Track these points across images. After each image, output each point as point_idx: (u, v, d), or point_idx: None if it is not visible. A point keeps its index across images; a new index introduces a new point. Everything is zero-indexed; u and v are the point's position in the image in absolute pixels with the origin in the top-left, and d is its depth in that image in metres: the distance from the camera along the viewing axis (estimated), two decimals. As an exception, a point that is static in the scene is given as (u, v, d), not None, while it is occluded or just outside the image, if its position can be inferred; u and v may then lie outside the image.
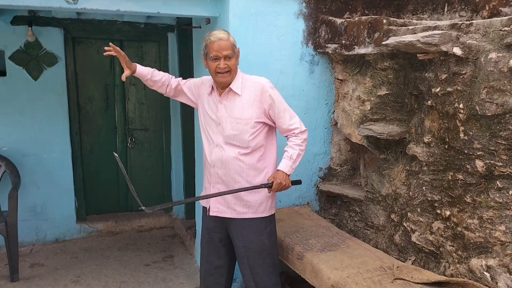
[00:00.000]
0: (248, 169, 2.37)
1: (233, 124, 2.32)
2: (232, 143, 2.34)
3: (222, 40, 2.24)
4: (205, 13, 3.02)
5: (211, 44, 2.25)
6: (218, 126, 2.37)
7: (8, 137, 4.05)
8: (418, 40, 2.18)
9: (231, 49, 2.26)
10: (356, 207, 3.06)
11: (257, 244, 2.40)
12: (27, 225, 4.16)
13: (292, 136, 2.41)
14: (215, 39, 2.24)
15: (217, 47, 2.23)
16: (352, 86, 3.02)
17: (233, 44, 2.29)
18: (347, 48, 2.91)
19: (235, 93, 2.34)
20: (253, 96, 2.33)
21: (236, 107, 2.33)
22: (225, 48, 2.24)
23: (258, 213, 2.42)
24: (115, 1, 2.75)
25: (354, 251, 2.51)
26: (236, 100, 2.34)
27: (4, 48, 3.97)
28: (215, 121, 2.38)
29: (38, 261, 3.96)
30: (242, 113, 2.32)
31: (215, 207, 2.43)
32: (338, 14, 3.16)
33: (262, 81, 2.38)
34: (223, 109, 2.36)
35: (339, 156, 3.36)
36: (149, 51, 4.69)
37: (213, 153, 2.39)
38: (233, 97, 2.35)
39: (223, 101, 2.37)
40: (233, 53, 2.28)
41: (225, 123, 2.34)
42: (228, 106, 2.35)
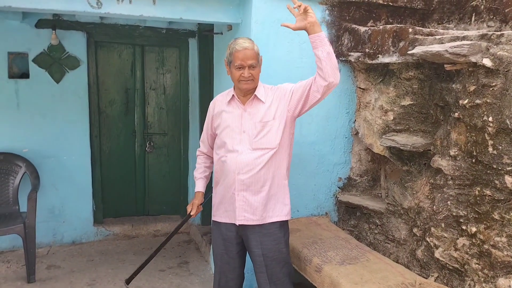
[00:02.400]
0: (275, 169, 2.36)
1: (258, 128, 2.32)
2: (259, 147, 2.32)
3: (248, 50, 2.24)
4: (227, 19, 3.01)
5: (236, 53, 2.25)
6: (243, 134, 2.35)
7: (29, 139, 4.09)
8: (446, 50, 2.12)
9: (255, 58, 2.27)
10: (376, 219, 2.99)
11: (276, 252, 2.38)
12: (44, 226, 4.19)
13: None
14: (241, 48, 2.24)
15: (242, 56, 2.24)
16: (375, 96, 2.97)
17: (257, 53, 2.30)
18: (370, 57, 2.86)
19: (259, 100, 2.34)
20: (274, 99, 2.36)
21: (261, 113, 2.33)
22: (250, 57, 2.25)
23: (281, 216, 2.40)
24: (138, 6, 2.76)
25: (374, 265, 2.44)
26: (260, 106, 2.34)
27: (28, 50, 4.03)
28: (239, 129, 2.36)
29: (55, 263, 3.98)
30: (267, 116, 2.33)
31: (241, 215, 2.38)
32: (362, 22, 3.11)
33: (278, 85, 2.44)
34: (248, 116, 2.35)
35: (359, 166, 3.30)
36: (170, 56, 4.71)
37: (238, 159, 2.34)
38: (258, 104, 2.35)
39: (248, 108, 2.36)
40: (257, 62, 2.30)
41: (250, 129, 2.33)
42: (252, 113, 2.35)
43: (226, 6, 2.98)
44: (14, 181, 3.88)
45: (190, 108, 4.79)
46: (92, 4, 2.68)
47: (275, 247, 2.38)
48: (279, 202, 2.40)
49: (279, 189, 2.40)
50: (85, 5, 2.68)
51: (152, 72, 4.68)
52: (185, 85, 4.75)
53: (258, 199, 2.35)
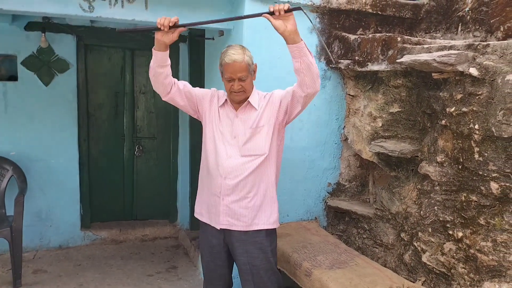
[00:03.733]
0: (263, 176, 2.34)
1: (248, 134, 2.31)
2: (248, 154, 2.31)
3: (237, 63, 2.18)
4: (219, 25, 3.03)
5: (226, 66, 2.21)
6: (234, 139, 2.34)
7: (17, 142, 4.05)
8: (434, 60, 2.17)
9: (245, 70, 2.21)
10: (365, 224, 3.03)
11: (262, 260, 2.35)
12: (31, 230, 4.14)
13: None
14: (230, 61, 2.19)
15: (231, 69, 2.20)
16: (364, 102, 3.02)
17: (248, 63, 2.23)
18: (360, 65, 2.91)
19: (252, 107, 2.33)
20: (265, 105, 2.34)
21: (253, 119, 2.32)
22: (239, 70, 2.19)
23: (267, 224, 2.37)
24: (131, 11, 2.77)
25: (363, 269, 2.48)
26: (252, 113, 2.33)
27: (17, 53, 4.00)
28: (230, 134, 2.35)
29: (41, 267, 3.94)
30: (258, 122, 2.32)
31: (224, 219, 2.35)
32: (351, 30, 3.17)
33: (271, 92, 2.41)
34: (239, 122, 2.34)
35: (348, 171, 3.34)
36: (160, 60, 4.71)
37: (226, 164, 2.32)
38: (250, 111, 2.34)
39: (240, 115, 2.34)
40: (248, 73, 2.24)
41: (242, 135, 2.32)
42: (244, 119, 2.33)
43: (218, 12, 3.00)
44: (1, 184, 3.83)
45: (179, 112, 4.79)
46: (84, 8, 2.69)
47: (262, 255, 2.34)
48: (266, 209, 2.36)
49: (267, 197, 2.37)
50: (77, 8, 2.68)
51: (142, 76, 4.67)
52: (175, 90, 4.75)
53: (243, 204, 2.32)
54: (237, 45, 2.31)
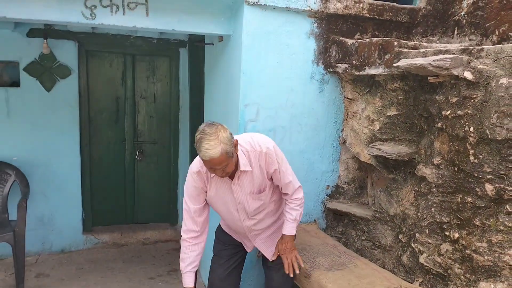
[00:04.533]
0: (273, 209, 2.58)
1: (255, 199, 2.41)
2: (258, 213, 2.48)
3: (214, 159, 2.07)
4: (218, 31, 3.08)
5: (204, 161, 2.13)
6: (238, 205, 2.41)
7: (19, 147, 4.10)
8: (430, 64, 2.21)
9: (224, 160, 2.10)
10: (364, 226, 3.07)
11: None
12: (34, 234, 4.18)
13: (291, 198, 2.49)
14: (206, 158, 2.07)
15: (209, 164, 2.12)
16: (362, 106, 3.06)
17: (226, 152, 2.08)
18: (357, 68, 2.95)
19: (245, 172, 2.32)
20: (259, 164, 2.34)
21: (249, 183, 2.35)
22: (218, 163, 2.10)
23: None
24: (132, 18, 2.81)
25: (361, 271, 2.51)
26: (247, 176, 2.34)
27: (19, 59, 4.05)
28: (234, 201, 2.40)
29: (44, 271, 3.98)
30: (257, 187, 2.38)
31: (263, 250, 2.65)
32: (349, 35, 3.21)
33: (262, 147, 2.33)
34: (238, 188, 2.36)
35: (346, 174, 3.37)
36: (161, 65, 4.77)
37: (244, 226, 2.51)
38: (244, 175, 2.33)
39: (236, 181, 2.34)
40: (229, 159, 2.12)
41: (245, 201, 2.40)
42: (241, 184, 2.35)
43: (218, 18, 3.05)
44: (4, 189, 3.88)
45: (180, 116, 4.84)
46: (86, 16, 2.73)
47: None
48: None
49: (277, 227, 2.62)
50: (80, 16, 2.72)
51: (142, 81, 4.72)
52: (176, 94, 4.81)
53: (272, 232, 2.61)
54: (211, 135, 2.07)
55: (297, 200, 2.49)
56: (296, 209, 2.49)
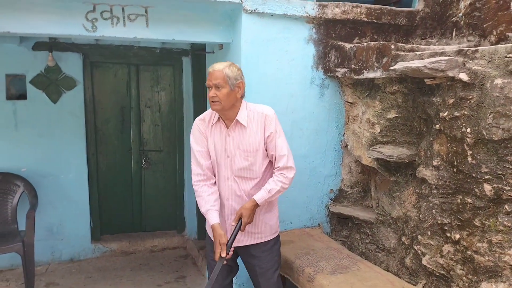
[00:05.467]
0: None
1: (242, 157, 2.37)
2: (243, 176, 2.39)
3: (216, 70, 2.27)
4: (218, 39, 3.13)
5: (208, 74, 2.32)
6: (227, 158, 2.39)
7: (27, 158, 4.17)
8: (425, 66, 2.23)
9: (221, 79, 2.25)
10: (367, 229, 3.07)
11: (271, 261, 2.48)
12: (43, 244, 4.24)
13: (279, 172, 2.42)
14: (211, 69, 2.30)
15: (209, 76, 2.29)
16: (362, 109, 3.07)
17: (227, 75, 2.27)
18: (356, 72, 2.98)
19: (242, 125, 2.36)
20: (260, 126, 2.37)
21: (244, 139, 2.36)
22: (215, 77, 2.26)
23: (272, 234, 2.51)
24: (132, 29, 2.87)
25: (364, 274, 2.52)
26: (244, 131, 2.37)
27: (25, 72, 4.13)
28: (224, 154, 2.40)
29: (53, 280, 4.03)
30: (250, 145, 2.36)
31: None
32: (348, 39, 3.23)
33: (266, 110, 2.41)
34: (231, 141, 2.38)
35: (349, 178, 3.39)
36: (164, 74, 4.82)
37: (226, 187, 2.42)
38: (241, 129, 2.37)
39: (231, 133, 2.38)
40: (225, 84, 2.26)
41: (234, 155, 2.38)
42: (236, 138, 2.38)
43: (217, 27, 3.10)
44: (13, 200, 3.95)
45: (184, 124, 4.88)
46: (88, 28, 2.79)
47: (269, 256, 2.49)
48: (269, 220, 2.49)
49: (267, 209, 2.48)
50: (81, 29, 2.79)
51: (147, 90, 4.78)
52: (180, 102, 4.86)
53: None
54: (228, 61, 2.37)
55: (283, 176, 2.38)
56: (276, 184, 2.37)
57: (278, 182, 2.37)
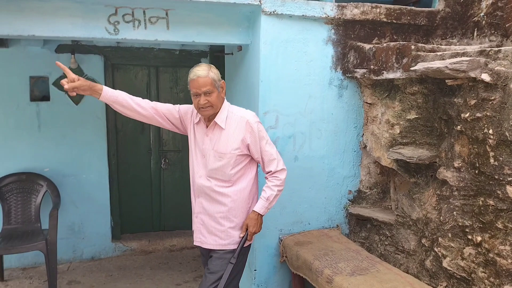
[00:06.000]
0: (231, 202, 2.43)
1: (216, 158, 2.38)
2: (215, 177, 2.41)
3: (201, 78, 2.27)
4: (237, 41, 3.15)
5: (191, 82, 2.30)
6: (203, 158, 2.43)
7: (50, 159, 4.27)
8: (446, 67, 2.21)
9: (210, 84, 2.29)
10: (387, 231, 3.05)
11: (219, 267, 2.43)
12: (65, 243, 4.34)
13: (272, 176, 2.46)
14: (194, 76, 2.29)
15: (196, 84, 2.28)
16: (381, 110, 3.06)
17: (213, 79, 2.31)
18: (375, 73, 2.96)
19: (220, 127, 2.39)
20: (238, 130, 2.38)
21: (220, 141, 2.38)
22: (203, 85, 2.27)
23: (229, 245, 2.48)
24: (153, 32, 2.91)
25: (384, 275, 2.51)
26: (221, 133, 2.39)
27: (49, 74, 4.23)
28: (201, 153, 2.44)
29: (75, 278, 4.11)
30: (225, 147, 2.37)
31: (197, 237, 2.52)
32: (367, 40, 3.22)
33: (248, 115, 2.42)
34: (209, 142, 2.41)
35: (368, 179, 3.37)
36: (183, 76, 4.87)
37: (197, 184, 2.46)
38: (218, 131, 2.40)
39: (209, 133, 2.42)
40: (214, 88, 2.31)
41: (209, 156, 2.40)
42: (213, 139, 2.40)
43: (236, 28, 3.12)
44: (36, 199, 4.05)
45: (203, 125, 4.92)
46: (110, 31, 2.85)
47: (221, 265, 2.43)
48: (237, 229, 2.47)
49: (238, 215, 2.46)
50: (103, 32, 2.84)
51: (166, 92, 4.85)
52: (198, 103, 4.90)
53: (216, 226, 2.45)
54: (204, 64, 2.39)
55: (276, 180, 2.44)
56: (272, 189, 2.43)
57: (273, 187, 2.44)
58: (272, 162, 2.45)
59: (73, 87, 2.30)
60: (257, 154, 2.43)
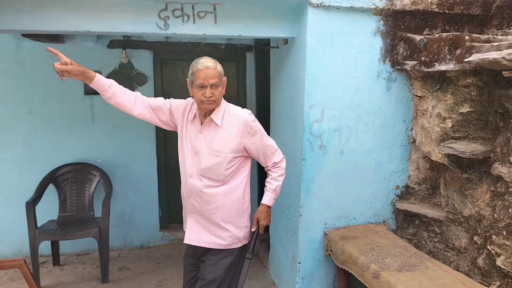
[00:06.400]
0: (224, 201, 2.36)
1: (211, 156, 2.29)
2: (207, 176, 2.32)
3: (209, 69, 2.19)
4: (283, 34, 3.15)
5: (198, 72, 2.20)
6: (195, 156, 2.33)
7: (103, 150, 4.46)
8: (504, 58, 2.11)
9: (218, 77, 2.22)
10: (436, 227, 2.97)
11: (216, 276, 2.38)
12: (116, 231, 4.52)
13: (274, 167, 2.46)
14: (202, 67, 2.19)
15: (203, 75, 2.18)
16: (432, 103, 2.97)
17: (220, 73, 2.26)
18: (426, 65, 2.87)
19: (215, 124, 2.30)
20: (235, 129, 2.31)
21: (215, 139, 2.30)
22: (212, 76, 2.19)
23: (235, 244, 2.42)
24: (201, 26, 2.97)
25: (433, 272, 2.44)
26: (217, 131, 2.30)
27: (101, 69, 4.40)
28: (193, 151, 2.34)
29: (125, 265, 4.29)
30: (221, 146, 2.29)
31: (190, 235, 2.42)
32: (417, 31, 3.13)
33: (244, 114, 2.36)
34: (203, 139, 2.32)
35: (417, 174, 3.28)
36: (229, 70, 4.93)
37: (188, 184, 2.37)
38: (214, 128, 2.31)
39: (204, 130, 2.32)
40: (220, 82, 2.24)
41: (202, 154, 2.30)
42: (208, 136, 2.31)
43: (282, 22, 3.12)
44: (90, 188, 4.25)
45: (247, 118, 4.96)
46: (160, 26, 2.93)
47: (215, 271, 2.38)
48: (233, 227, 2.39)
49: (232, 216, 2.38)
50: (154, 27, 2.93)
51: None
52: (243, 98, 4.95)
53: (210, 225, 2.37)
54: (208, 57, 2.31)
55: (279, 169, 2.46)
56: (277, 180, 2.45)
57: (278, 178, 2.47)
58: (274, 154, 2.45)
59: (64, 70, 2.21)
60: (256, 151, 2.38)
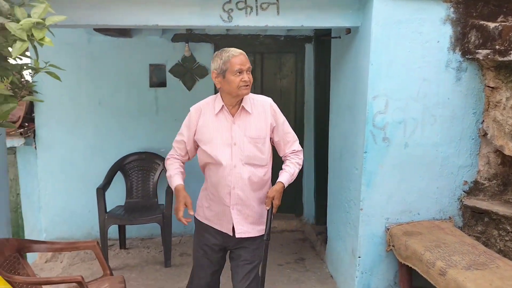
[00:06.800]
0: (264, 186, 2.46)
1: (251, 144, 2.35)
2: (252, 163, 2.37)
3: (243, 55, 2.30)
4: (346, 23, 3.09)
5: (234, 59, 2.26)
6: (234, 146, 2.35)
7: (165, 140, 4.57)
8: None
9: (249, 62, 2.32)
10: (508, 225, 2.81)
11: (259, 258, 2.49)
12: (177, 218, 4.68)
13: (293, 154, 2.50)
14: (236, 53, 2.29)
15: (239, 61, 2.26)
16: (506, 94, 2.80)
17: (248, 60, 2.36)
18: (501, 54, 2.71)
19: (247, 112, 2.37)
20: (263, 114, 2.39)
21: (250, 126, 2.36)
22: (247, 61, 2.29)
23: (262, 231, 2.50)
24: (264, 18, 2.98)
25: (505, 272, 2.32)
26: (249, 119, 2.37)
27: (165, 62, 4.57)
28: (229, 142, 2.35)
29: (186, 251, 4.44)
30: (257, 132, 2.36)
31: (239, 228, 2.43)
32: (491, 18, 2.95)
33: (267, 99, 2.46)
34: (237, 129, 2.36)
35: (487, 169, 3.12)
36: (287, 61, 4.93)
37: (232, 175, 2.35)
38: (246, 116, 2.37)
39: (236, 120, 2.36)
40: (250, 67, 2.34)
41: (242, 143, 2.34)
42: (242, 125, 2.36)
43: (346, 10, 3.06)
44: (154, 176, 4.43)
45: (305, 110, 4.94)
46: (224, 19, 2.98)
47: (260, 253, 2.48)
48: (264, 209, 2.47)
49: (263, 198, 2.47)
50: (218, 19, 2.98)
51: (269, 78, 4.94)
52: (301, 89, 4.93)
53: (252, 213, 2.43)
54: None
55: (297, 157, 2.51)
56: (296, 166, 2.48)
57: (297, 164, 2.49)
58: (295, 142, 2.52)
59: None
60: (278, 136, 2.46)
